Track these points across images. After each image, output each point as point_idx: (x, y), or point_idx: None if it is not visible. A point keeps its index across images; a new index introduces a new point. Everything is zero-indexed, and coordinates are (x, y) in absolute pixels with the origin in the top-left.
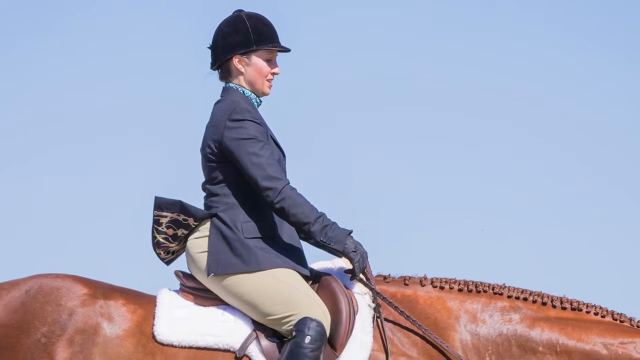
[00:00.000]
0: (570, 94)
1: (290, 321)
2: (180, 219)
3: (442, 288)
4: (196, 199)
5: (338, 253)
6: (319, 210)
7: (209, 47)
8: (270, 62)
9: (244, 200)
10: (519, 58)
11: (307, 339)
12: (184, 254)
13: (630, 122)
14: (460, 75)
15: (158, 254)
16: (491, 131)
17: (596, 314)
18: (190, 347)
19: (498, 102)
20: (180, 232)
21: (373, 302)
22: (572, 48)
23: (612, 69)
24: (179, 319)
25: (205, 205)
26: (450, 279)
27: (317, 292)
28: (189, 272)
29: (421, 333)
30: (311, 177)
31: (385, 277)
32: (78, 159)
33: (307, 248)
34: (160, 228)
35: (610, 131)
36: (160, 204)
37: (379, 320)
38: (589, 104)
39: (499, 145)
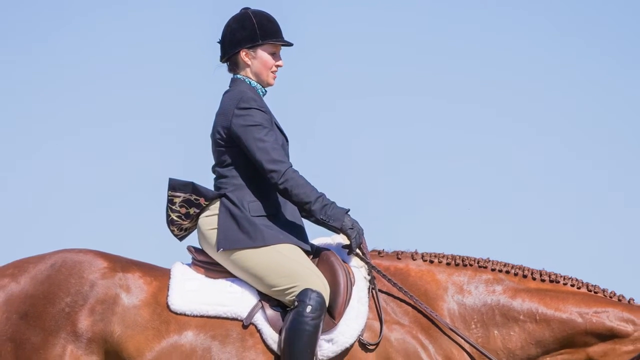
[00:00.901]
0: (554, 85)
1: (292, 292)
2: (192, 199)
3: (431, 262)
4: (206, 181)
5: (336, 230)
6: (319, 191)
7: (218, 42)
8: (275, 55)
9: (251, 181)
10: (506, 49)
11: (308, 309)
12: (195, 230)
13: (603, 106)
14: (453, 66)
15: (172, 231)
16: (478, 119)
17: (572, 285)
18: (202, 316)
19: (486, 92)
20: (192, 210)
21: (368, 274)
22: (549, 36)
23: (581, 50)
24: (191, 290)
25: (215, 186)
26: (439, 254)
27: (317, 265)
28: (200, 248)
29: (412, 303)
30: (312, 160)
31: (379, 252)
32: (101, 144)
33: (308, 225)
34: (174, 207)
35: (588, 116)
36: (174, 185)
37: (373, 291)
38: (570, 94)
39: (484, 133)
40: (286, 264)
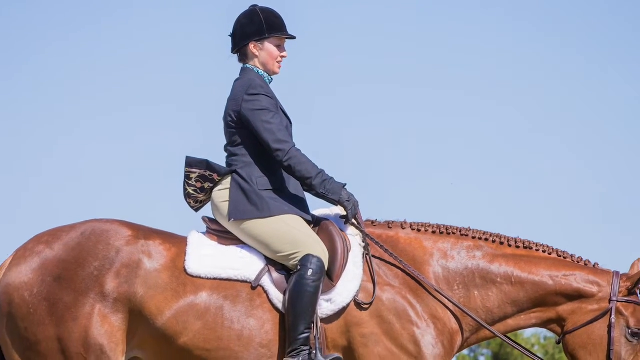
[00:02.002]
0: (527, 72)
1: (295, 257)
2: (207, 175)
3: (419, 230)
4: (219, 158)
5: (334, 202)
6: (319, 167)
7: (230, 35)
8: (280, 47)
9: (258, 159)
10: (485, 43)
11: (310, 272)
12: (209, 203)
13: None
14: (438, 59)
15: (188, 203)
16: (459, 105)
17: (544, 251)
18: (215, 279)
19: (469, 81)
20: (206, 185)
21: (363, 242)
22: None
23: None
24: (205, 256)
25: (227, 163)
26: (426, 223)
27: (317, 234)
28: (214, 218)
29: (402, 267)
30: (312, 140)
31: (372, 222)
32: (128, 126)
33: (309, 198)
34: (190, 182)
35: (556, 95)
36: (191, 162)
37: (367, 256)
38: (539, 77)
39: (464, 116)
40: (290, 233)
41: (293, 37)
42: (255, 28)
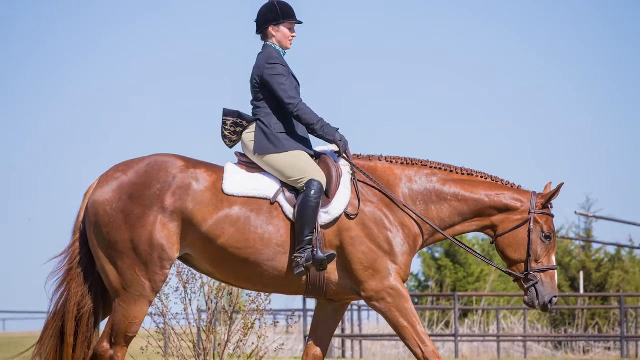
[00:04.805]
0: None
1: (302, 181)
2: (238, 122)
3: (391, 162)
4: (247, 110)
5: (330, 141)
6: (320, 116)
7: (255, 21)
8: (291, 29)
9: (275, 110)
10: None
11: (312, 192)
12: (240, 142)
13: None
14: (415, 29)
15: (225, 142)
16: (429, 69)
17: (482, 177)
18: (244, 197)
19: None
20: (238, 129)
21: (351, 170)
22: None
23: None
24: (237, 180)
25: (252, 113)
26: (396, 157)
27: (318, 164)
28: (243, 153)
29: (379, 189)
30: (315, 96)
31: (358, 155)
32: (184, 87)
33: (312, 138)
34: (226, 127)
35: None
36: (226, 113)
37: (354, 181)
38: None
39: (421, 75)
40: (298, 163)
41: (301, 22)
42: (273, 15)
